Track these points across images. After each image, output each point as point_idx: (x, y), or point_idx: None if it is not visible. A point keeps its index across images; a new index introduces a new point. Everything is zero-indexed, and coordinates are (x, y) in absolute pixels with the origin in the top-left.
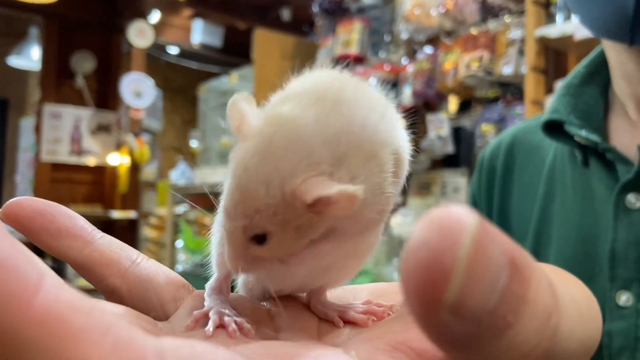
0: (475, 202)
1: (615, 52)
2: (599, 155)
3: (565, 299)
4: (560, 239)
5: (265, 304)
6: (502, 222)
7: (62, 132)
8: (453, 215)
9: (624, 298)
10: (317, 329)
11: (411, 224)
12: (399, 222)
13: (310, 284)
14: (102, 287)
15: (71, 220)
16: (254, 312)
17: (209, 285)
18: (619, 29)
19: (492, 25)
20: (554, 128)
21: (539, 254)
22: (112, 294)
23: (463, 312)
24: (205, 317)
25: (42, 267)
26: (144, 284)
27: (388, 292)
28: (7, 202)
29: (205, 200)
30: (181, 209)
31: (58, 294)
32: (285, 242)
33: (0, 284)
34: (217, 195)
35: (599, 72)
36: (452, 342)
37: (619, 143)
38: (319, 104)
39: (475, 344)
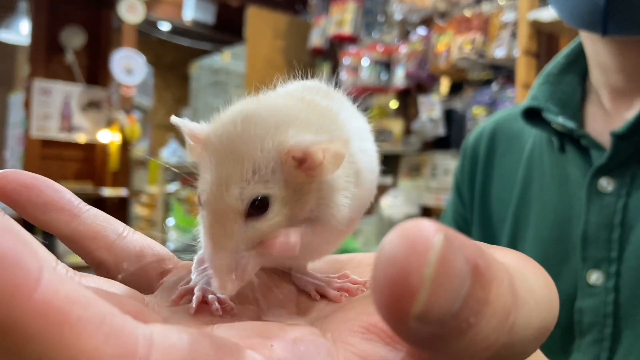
0: (458, 188)
1: (590, 42)
2: (575, 141)
3: (524, 291)
4: (537, 222)
5: None
6: (483, 207)
7: (52, 108)
8: (420, 232)
9: (594, 277)
10: (295, 301)
11: (401, 205)
12: (389, 204)
13: (295, 262)
14: (90, 260)
15: (57, 194)
16: None
17: (196, 258)
18: (592, 19)
19: (485, 7)
20: (533, 115)
21: (517, 236)
22: (99, 267)
23: (428, 319)
24: (190, 293)
25: (42, 259)
26: (130, 256)
27: (363, 263)
28: None
29: (196, 179)
30: (172, 187)
31: (57, 287)
32: (287, 207)
33: (2, 278)
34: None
35: (578, 62)
36: (418, 343)
37: (594, 130)
38: (300, 92)
39: (439, 342)
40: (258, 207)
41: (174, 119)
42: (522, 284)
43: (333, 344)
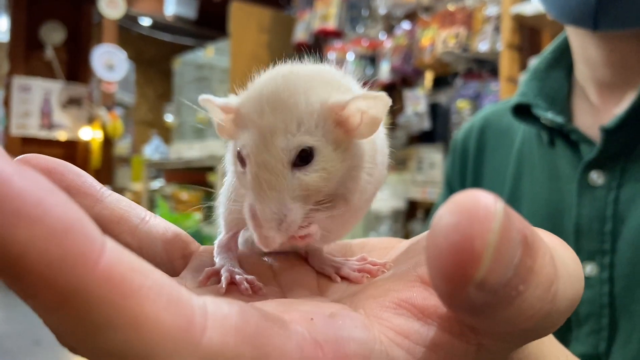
0: (449, 184)
1: (577, 38)
2: (564, 136)
3: (560, 265)
4: (529, 216)
5: (267, 259)
6: None
7: (32, 105)
8: (481, 202)
9: (589, 269)
10: (316, 284)
11: (387, 199)
12: (376, 198)
13: (312, 245)
14: None
15: (80, 178)
16: (258, 268)
17: (217, 243)
18: (582, 15)
19: (468, 1)
20: (522, 111)
21: None
22: None
23: (486, 286)
24: (217, 275)
25: (101, 232)
26: (153, 240)
27: (378, 247)
28: (14, 159)
29: (180, 175)
30: (157, 183)
31: (120, 256)
32: (329, 159)
33: (71, 245)
34: (192, 170)
35: (564, 57)
36: (469, 310)
37: (582, 124)
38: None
39: (490, 310)
40: (303, 158)
41: (202, 97)
42: (558, 257)
43: (367, 319)
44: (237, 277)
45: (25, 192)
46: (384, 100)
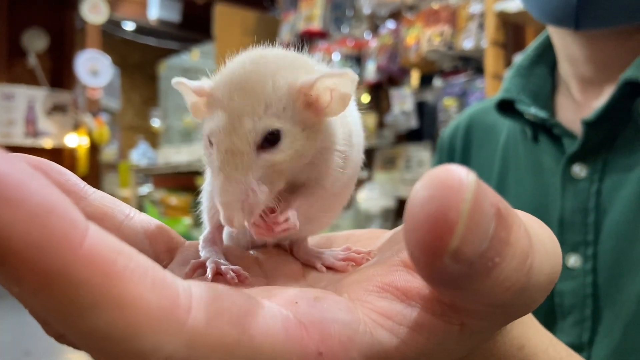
0: None
1: (559, 37)
2: (547, 130)
3: (536, 240)
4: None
5: (252, 252)
6: None
7: (16, 113)
8: (454, 175)
9: (572, 260)
10: (302, 274)
11: (377, 198)
12: (365, 197)
13: (295, 236)
14: None
15: (63, 176)
16: (244, 260)
17: (202, 237)
18: (564, 15)
19: None
20: (506, 107)
21: None
22: None
23: (461, 257)
24: (202, 267)
25: (84, 216)
26: (139, 236)
27: (363, 238)
28: None
29: (169, 180)
30: (145, 189)
31: (103, 238)
32: (298, 139)
33: (53, 227)
34: (181, 174)
35: (547, 54)
36: (447, 282)
37: (565, 119)
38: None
39: (467, 282)
40: (270, 140)
41: (175, 80)
42: (533, 233)
43: (351, 302)
44: (223, 267)
45: (7, 175)
46: (351, 76)
